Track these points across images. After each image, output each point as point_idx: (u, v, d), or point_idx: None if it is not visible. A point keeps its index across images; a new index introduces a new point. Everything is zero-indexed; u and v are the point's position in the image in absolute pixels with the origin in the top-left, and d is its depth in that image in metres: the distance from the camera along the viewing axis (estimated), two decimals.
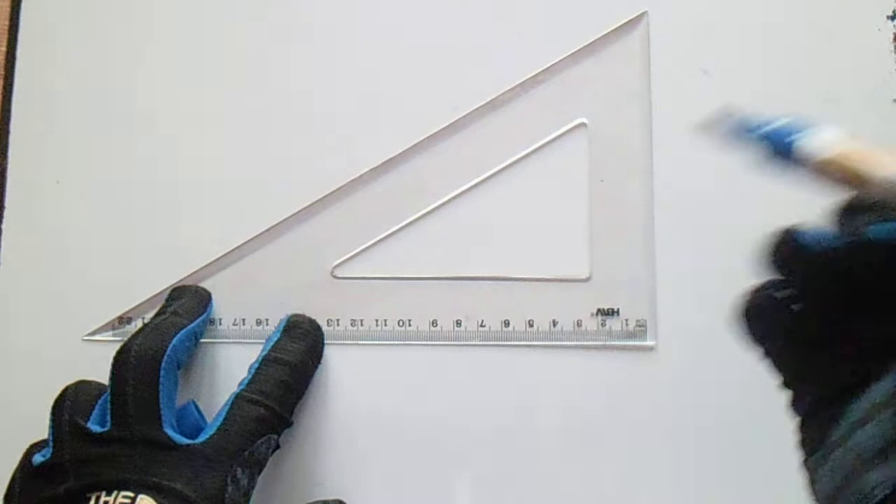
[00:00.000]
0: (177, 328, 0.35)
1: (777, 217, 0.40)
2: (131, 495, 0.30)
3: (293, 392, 0.36)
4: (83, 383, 0.35)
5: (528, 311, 0.40)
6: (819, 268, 0.25)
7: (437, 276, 0.40)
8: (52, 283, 0.41)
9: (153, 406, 0.32)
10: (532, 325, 0.39)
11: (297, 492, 0.38)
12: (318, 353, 0.39)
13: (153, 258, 0.41)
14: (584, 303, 0.39)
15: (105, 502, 0.30)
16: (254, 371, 0.35)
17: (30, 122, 0.42)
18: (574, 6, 0.41)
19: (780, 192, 0.40)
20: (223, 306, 0.40)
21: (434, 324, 0.40)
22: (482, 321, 0.40)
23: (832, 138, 0.25)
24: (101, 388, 0.35)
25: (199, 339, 0.38)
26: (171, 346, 0.34)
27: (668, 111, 0.40)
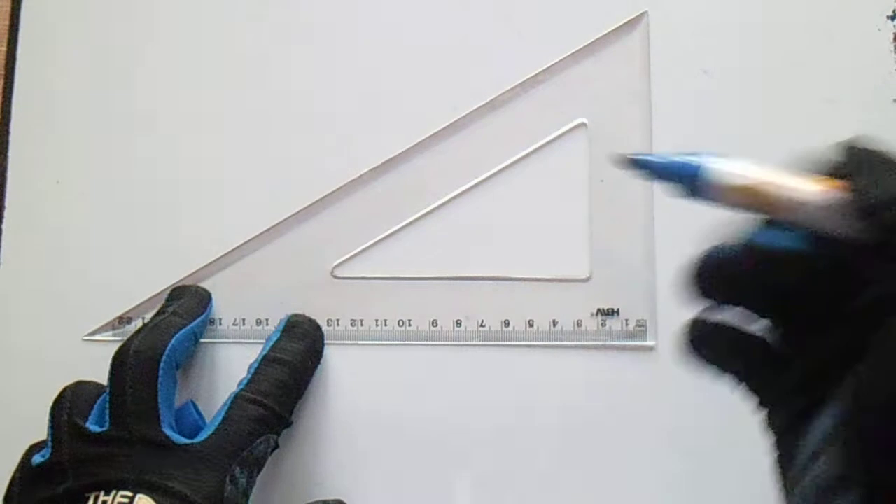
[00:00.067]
0: (176, 328, 0.35)
1: None
2: (129, 495, 0.30)
3: (293, 392, 0.36)
4: (82, 384, 0.35)
5: (528, 311, 0.40)
6: (729, 284, 0.25)
7: (437, 276, 0.40)
8: (52, 283, 0.41)
9: (151, 406, 0.32)
10: (532, 325, 0.39)
11: (297, 492, 0.38)
12: (317, 353, 0.39)
13: (153, 258, 0.41)
14: (584, 303, 0.39)
15: (104, 502, 0.30)
16: (253, 371, 0.35)
17: (30, 122, 0.42)
18: (574, 6, 0.41)
19: None
20: (223, 306, 0.40)
21: (434, 324, 0.40)
22: (482, 321, 0.40)
23: (738, 168, 0.26)
24: (99, 388, 0.35)
25: (199, 339, 0.38)
26: (169, 346, 0.34)
27: (668, 111, 0.40)
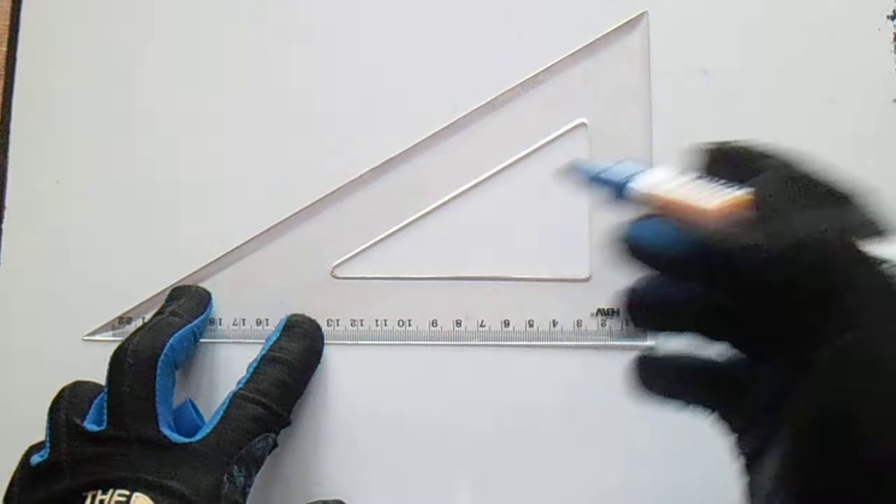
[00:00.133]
0: (174, 328, 0.35)
1: None
2: (127, 493, 0.30)
3: (291, 391, 0.36)
4: (80, 383, 0.35)
5: (528, 311, 0.39)
6: (655, 314, 0.26)
7: (437, 276, 0.40)
8: (52, 283, 0.41)
9: (149, 405, 0.32)
10: (532, 325, 0.39)
11: (297, 492, 0.38)
12: (317, 353, 0.39)
13: (153, 258, 0.41)
14: (584, 303, 0.39)
15: (101, 501, 0.30)
16: (252, 370, 0.35)
17: (30, 122, 0.42)
18: (574, 6, 0.41)
19: None
20: (223, 306, 0.40)
21: (434, 324, 0.40)
22: (482, 321, 0.40)
23: (661, 178, 0.26)
24: (97, 388, 0.35)
25: (199, 339, 0.38)
26: (168, 346, 0.34)
27: (668, 111, 0.40)
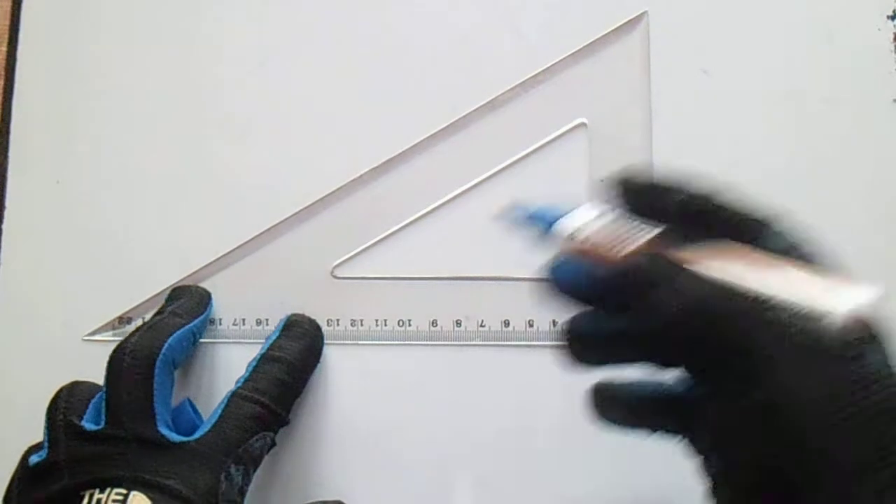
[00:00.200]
0: (173, 328, 0.35)
1: None
2: (124, 492, 0.30)
3: (290, 390, 0.36)
4: (78, 383, 0.35)
5: (528, 311, 0.39)
6: (594, 350, 0.27)
7: (437, 276, 0.40)
8: (52, 283, 0.41)
9: (147, 404, 0.32)
10: (532, 325, 0.39)
11: (297, 492, 0.38)
12: (316, 353, 0.39)
13: (153, 258, 0.41)
14: None
15: (98, 500, 0.30)
16: (251, 369, 0.35)
17: (30, 122, 0.42)
18: (574, 6, 0.41)
19: (777, 194, 0.40)
20: (223, 306, 0.40)
21: (434, 324, 0.40)
22: (482, 321, 0.40)
23: (583, 220, 0.26)
24: (95, 388, 0.35)
25: (199, 338, 0.38)
26: (166, 346, 0.34)
27: (668, 111, 0.40)
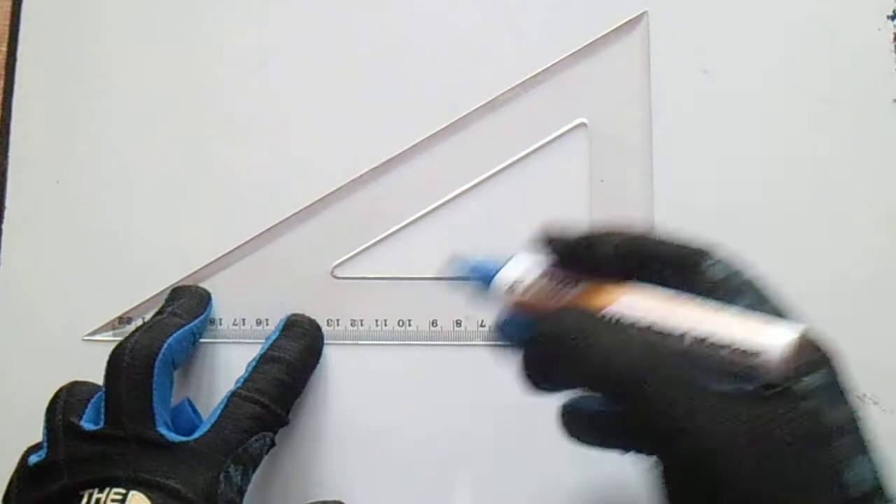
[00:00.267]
0: (173, 328, 0.35)
1: (776, 219, 0.40)
2: (123, 492, 0.30)
3: (290, 390, 0.36)
4: (77, 383, 0.35)
5: None
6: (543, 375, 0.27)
7: (437, 276, 0.40)
8: (52, 283, 0.41)
9: (146, 404, 0.32)
10: None
11: (296, 492, 0.38)
12: (316, 353, 0.39)
13: (153, 258, 0.41)
14: None
15: (97, 499, 0.30)
16: (251, 369, 0.35)
17: (30, 122, 0.42)
18: (574, 6, 0.41)
19: (777, 193, 0.40)
20: (223, 306, 0.40)
21: (434, 324, 0.40)
22: (482, 321, 0.39)
23: (518, 274, 0.27)
24: (94, 388, 0.35)
25: (199, 339, 0.38)
26: (166, 345, 0.34)
27: (668, 111, 0.40)
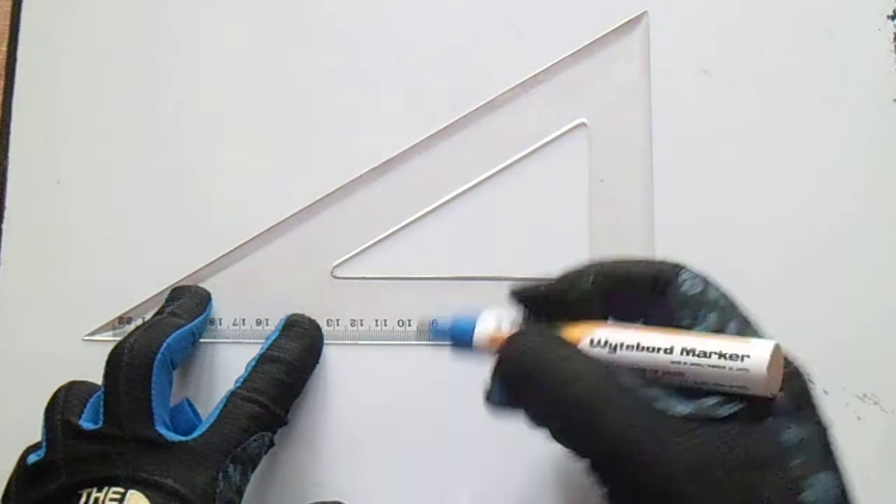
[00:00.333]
0: (172, 327, 0.35)
1: (775, 219, 0.40)
2: (121, 491, 0.30)
3: (289, 390, 0.36)
4: (76, 383, 0.35)
5: None
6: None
7: (437, 276, 0.40)
8: (52, 283, 0.41)
9: (145, 404, 0.32)
10: None
11: (296, 492, 0.38)
12: (316, 353, 0.39)
13: (153, 258, 0.41)
14: None
15: (96, 498, 0.30)
16: (250, 369, 0.35)
17: (30, 122, 0.42)
18: (574, 6, 0.41)
19: (777, 193, 0.40)
20: (223, 306, 0.40)
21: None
22: None
23: (497, 322, 0.28)
24: (94, 387, 0.35)
25: (199, 338, 0.38)
26: (165, 345, 0.34)
27: (668, 111, 0.40)
